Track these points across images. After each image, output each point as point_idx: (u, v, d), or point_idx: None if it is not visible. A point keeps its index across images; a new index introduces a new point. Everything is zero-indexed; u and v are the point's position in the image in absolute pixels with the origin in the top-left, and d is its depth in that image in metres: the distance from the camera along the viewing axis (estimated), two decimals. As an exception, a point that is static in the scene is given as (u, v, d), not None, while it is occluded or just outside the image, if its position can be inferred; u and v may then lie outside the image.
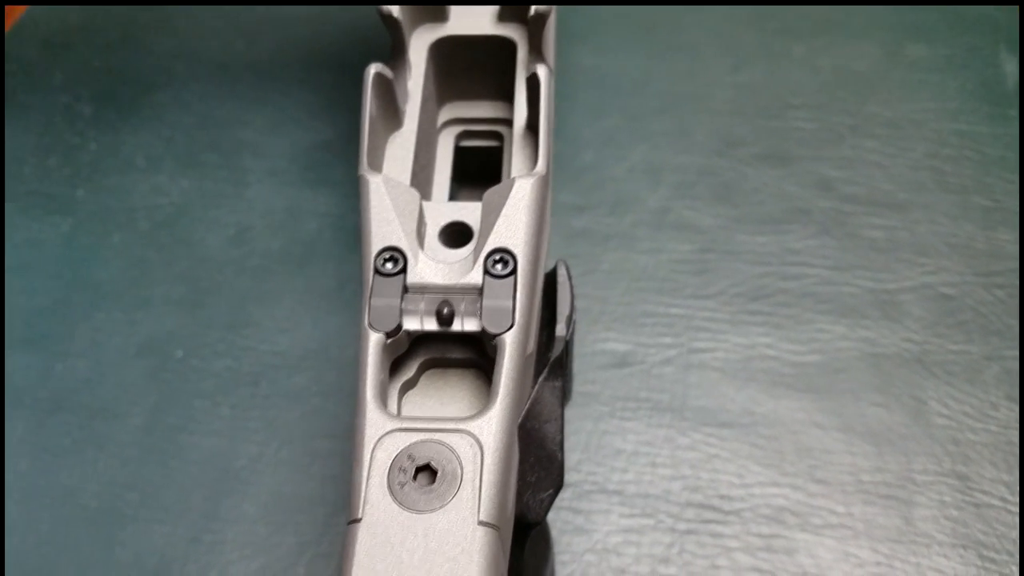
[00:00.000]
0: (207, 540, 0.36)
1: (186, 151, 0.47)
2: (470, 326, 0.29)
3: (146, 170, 0.46)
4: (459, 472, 0.26)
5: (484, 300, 0.29)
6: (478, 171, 0.37)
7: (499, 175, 0.36)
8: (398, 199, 0.30)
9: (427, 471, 0.26)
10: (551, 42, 0.37)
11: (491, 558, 0.25)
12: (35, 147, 0.48)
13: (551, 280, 0.32)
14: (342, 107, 0.48)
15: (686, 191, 0.44)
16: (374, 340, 0.28)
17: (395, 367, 0.30)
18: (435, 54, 0.37)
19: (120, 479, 0.37)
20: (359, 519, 0.25)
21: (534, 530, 0.31)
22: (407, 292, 0.29)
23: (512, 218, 0.29)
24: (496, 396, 0.27)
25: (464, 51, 0.37)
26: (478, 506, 0.25)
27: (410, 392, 0.30)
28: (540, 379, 0.29)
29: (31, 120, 0.49)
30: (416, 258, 0.29)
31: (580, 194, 0.44)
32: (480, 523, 0.25)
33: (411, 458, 0.26)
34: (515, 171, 0.34)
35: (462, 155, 0.38)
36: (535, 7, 0.35)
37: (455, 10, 0.38)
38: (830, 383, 0.38)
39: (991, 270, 0.41)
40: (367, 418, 0.27)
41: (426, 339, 0.30)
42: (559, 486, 0.30)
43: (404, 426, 0.26)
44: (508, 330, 0.28)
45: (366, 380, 0.27)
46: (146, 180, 0.46)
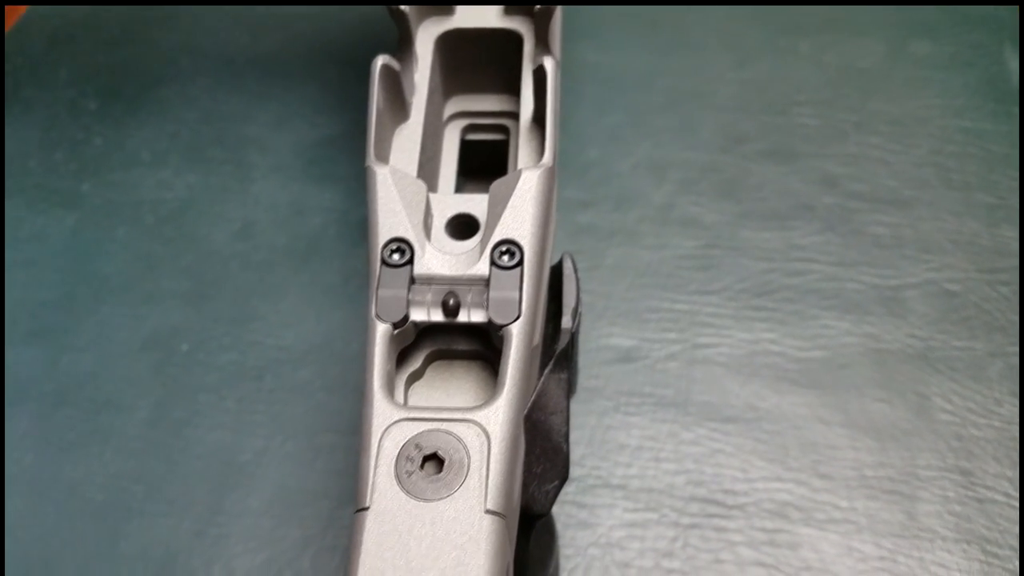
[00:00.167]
0: (212, 533, 0.36)
1: (191, 146, 0.47)
2: (476, 317, 0.29)
3: (151, 165, 0.46)
4: (466, 461, 0.26)
5: (491, 291, 0.29)
6: (483, 165, 0.37)
7: (504, 169, 0.36)
8: (405, 190, 0.30)
9: (434, 460, 0.26)
10: (557, 35, 0.37)
11: (498, 546, 0.25)
12: (41, 142, 0.48)
13: (557, 273, 0.32)
14: (347, 103, 0.48)
15: (691, 187, 0.44)
16: (381, 331, 0.28)
17: (401, 358, 0.30)
18: (441, 47, 0.37)
19: (125, 472, 0.37)
20: (367, 507, 0.25)
21: (539, 522, 0.31)
22: (414, 283, 0.29)
23: (519, 209, 0.29)
24: (503, 386, 0.27)
25: (470, 44, 0.37)
26: (485, 495, 0.25)
27: (416, 383, 0.30)
28: (546, 371, 0.29)
29: (37, 115, 0.49)
30: (423, 249, 0.29)
31: (585, 190, 0.44)
32: (487, 511, 0.25)
33: (418, 447, 0.26)
34: (521, 164, 0.34)
35: (468, 149, 0.38)
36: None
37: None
38: (834, 379, 0.38)
39: (995, 267, 0.41)
40: (374, 408, 0.27)
41: (432, 331, 0.30)
42: (564, 478, 0.30)
43: (411, 416, 0.27)
44: (515, 321, 0.28)
45: (373, 370, 0.27)
46: (151, 175, 0.46)
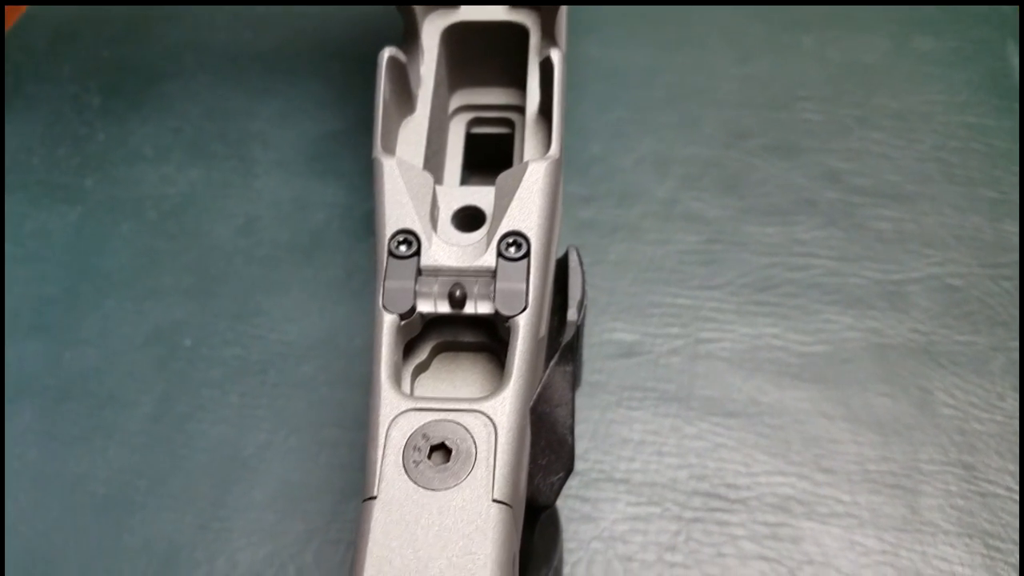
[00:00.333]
0: (215, 527, 0.36)
1: (194, 142, 0.47)
2: (483, 309, 0.29)
3: (154, 160, 0.46)
4: (473, 451, 0.26)
5: (497, 283, 0.29)
6: (488, 159, 0.37)
7: (510, 162, 0.36)
8: (412, 182, 0.30)
9: (442, 450, 0.26)
10: (564, 28, 0.37)
11: (505, 535, 0.25)
12: (44, 137, 0.48)
13: (562, 266, 0.32)
14: (350, 98, 0.48)
15: (693, 182, 0.44)
16: (388, 321, 0.28)
17: (408, 350, 0.30)
18: (447, 40, 0.37)
19: (128, 467, 0.38)
20: (374, 497, 0.25)
21: (544, 514, 0.31)
22: (421, 274, 0.29)
23: (526, 201, 0.29)
24: (510, 377, 0.27)
25: (476, 37, 0.37)
26: (492, 484, 0.25)
27: (423, 375, 0.30)
28: (551, 364, 0.29)
29: (40, 110, 0.49)
30: (430, 241, 0.29)
31: (588, 185, 0.44)
32: (494, 501, 0.25)
33: (426, 437, 0.26)
34: (527, 157, 0.34)
35: (473, 142, 0.38)
36: None
37: None
38: (837, 373, 0.38)
39: (997, 262, 0.41)
40: (382, 398, 0.27)
41: (439, 322, 0.30)
42: (569, 470, 0.30)
43: (419, 406, 0.27)
44: (521, 312, 0.28)
45: (380, 361, 0.27)
46: (154, 170, 0.46)
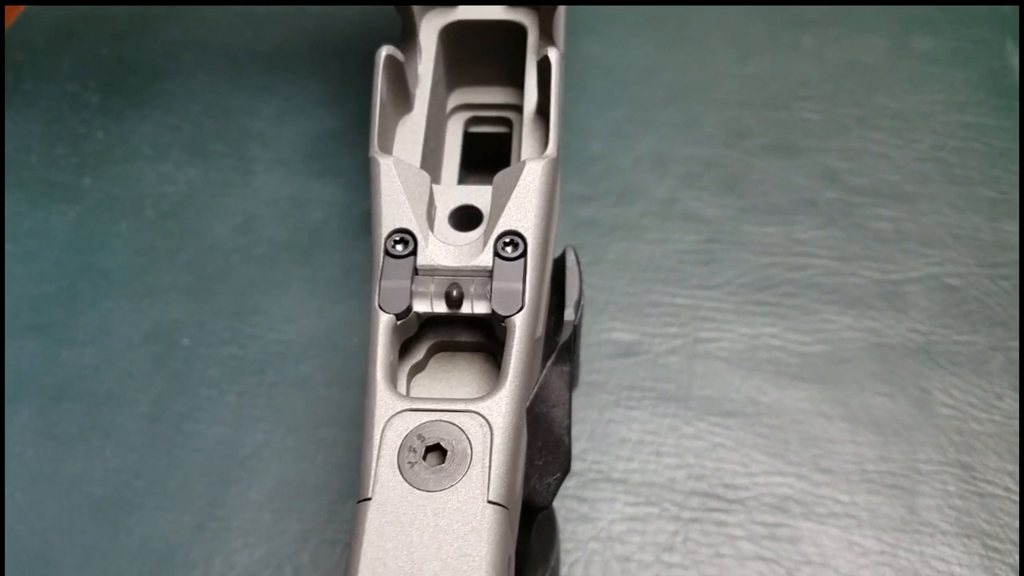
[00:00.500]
0: (212, 527, 0.36)
1: (193, 140, 0.47)
2: (480, 308, 0.29)
3: (153, 159, 0.46)
4: (469, 452, 0.26)
5: (494, 282, 0.29)
6: (486, 158, 0.37)
7: (507, 162, 0.36)
8: (408, 181, 0.30)
9: (437, 451, 0.26)
10: (562, 27, 0.37)
11: (500, 536, 0.25)
12: (42, 135, 0.48)
13: (559, 266, 0.32)
14: (349, 97, 0.48)
15: (693, 182, 0.44)
16: (384, 321, 0.28)
17: (404, 350, 0.30)
18: (445, 39, 0.37)
19: (126, 466, 0.38)
20: (369, 498, 0.25)
21: (540, 515, 0.31)
22: (417, 274, 0.29)
23: (523, 200, 0.29)
24: (506, 377, 0.27)
25: (474, 36, 0.37)
26: (487, 485, 0.25)
27: (419, 375, 0.30)
28: (548, 364, 0.29)
29: (38, 109, 0.49)
30: (426, 240, 0.29)
31: (587, 184, 0.44)
32: (489, 502, 0.25)
33: (421, 438, 0.26)
34: (525, 156, 0.34)
35: (470, 141, 0.38)
36: None
37: None
38: (835, 373, 0.38)
39: (996, 261, 0.41)
40: (377, 398, 0.27)
41: (435, 322, 0.30)
42: (566, 470, 0.30)
43: (414, 406, 0.27)
44: (518, 312, 0.28)
45: (376, 361, 0.27)
46: (153, 169, 0.46)
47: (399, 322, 0.28)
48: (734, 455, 0.36)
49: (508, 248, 0.29)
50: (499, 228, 0.29)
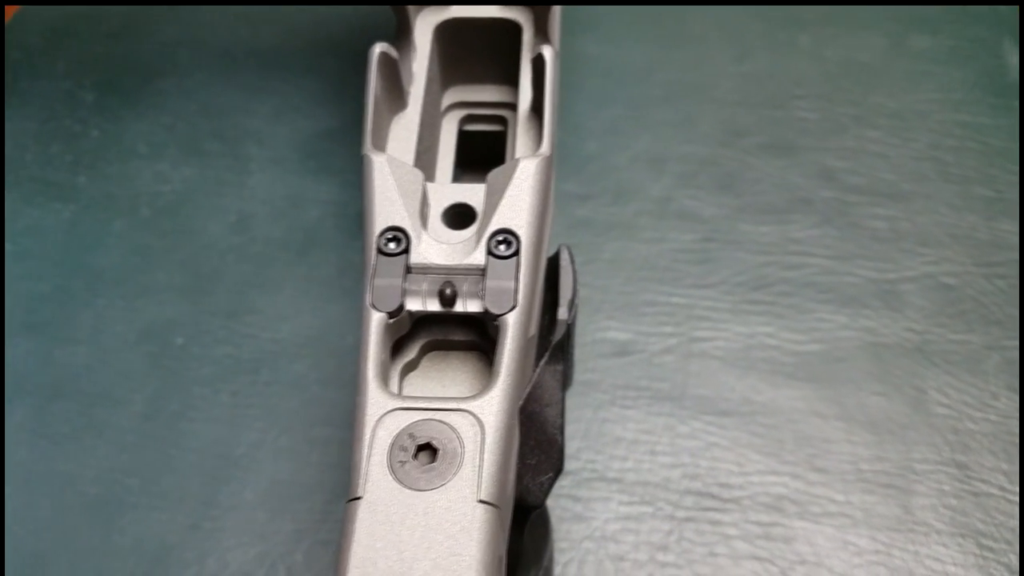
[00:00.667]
0: (206, 527, 0.36)
1: (188, 139, 0.47)
2: (472, 307, 0.29)
3: (148, 157, 0.46)
4: (460, 451, 0.26)
5: (487, 281, 0.29)
6: (481, 156, 0.37)
7: (502, 160, 0.36)
8: (402, 179, 0.30)
9: (428, 450, 0.26)
10: (557, 25, 0.37)
11: (490, 536, 0.25)
12: (37, 134, 0.47)
13: (553, 264, 0.32)
14: (344, 95, 0.47)
15: (689, 180, 0.44)
16: (376, 320, 0.28)
17: (397, 349, 0.29)
18: (440, 36, 0.37)
19: (120, 466, 0.37)
20: (359, 497, 0.25)
21: (533, 514, 0.31)
22: (410, 272, 0.29)
23: (516, 199, 0.29)
24: (498, 376, 0.27)
25: (469, 33, 0.37)
26: (478, 485, 0.25)
27: (411, 374, 0.30)
28: (541, 363, 0.29)
29: (33, 107, 0.49)
30: (419, 238, 0.29)
31: (583, 183, 0.44)
32: (480, 501, 0.25)
33: (412, 437, 0.26)
34: (519, 154, 0.34)
35: (465, 139, 0.38)
36: None
37: None
38: (830, 372, 0.38)
39: (992, 260, 0.41)
40: (368, 397, 0.27)
41: (428, 321, 0.30)
42: (559, 470, 0.30)
43: (405, 405, 0.26)
44: (510, 311, 0.28)
45: (368, 360, 0.27)
46: (148, 167, 0.46)
47: (391, 320, 0.28)
48: (729, 454, 0.36)
49: (501, 246, 0.29)
50: (492, 226, 0.29)
